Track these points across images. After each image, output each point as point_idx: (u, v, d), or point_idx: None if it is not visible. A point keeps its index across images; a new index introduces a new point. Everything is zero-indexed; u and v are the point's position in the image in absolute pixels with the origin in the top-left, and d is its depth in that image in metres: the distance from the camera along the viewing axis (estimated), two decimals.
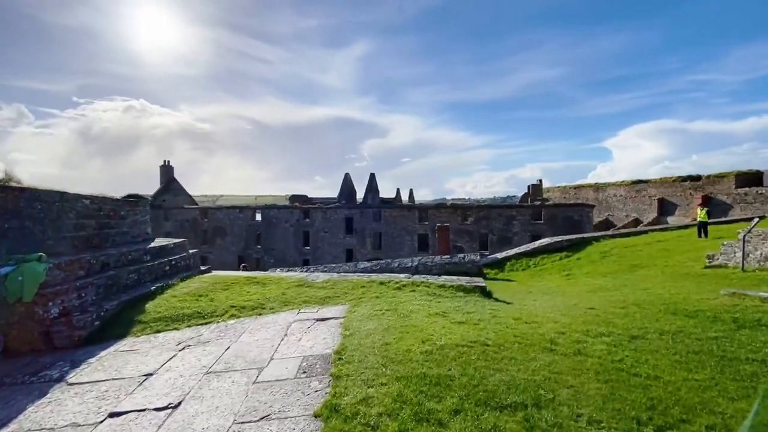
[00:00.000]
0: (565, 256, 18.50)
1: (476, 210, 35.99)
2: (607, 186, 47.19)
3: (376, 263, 16.17)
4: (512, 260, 19.61)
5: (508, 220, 35.04)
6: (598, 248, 18.54)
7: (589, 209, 33.84)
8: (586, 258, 17.31)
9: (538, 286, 12.49)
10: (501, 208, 35.85)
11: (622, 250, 17.47)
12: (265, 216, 42.01)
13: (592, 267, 15.42)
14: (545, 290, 11.29)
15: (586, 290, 10.20)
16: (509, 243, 34.88)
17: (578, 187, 52.57)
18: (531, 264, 18.76)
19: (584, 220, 33.50)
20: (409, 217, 37.06)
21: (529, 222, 34.84)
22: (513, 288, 12.32)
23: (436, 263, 15.14)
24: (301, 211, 40.71)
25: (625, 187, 44.50)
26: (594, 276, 13.62)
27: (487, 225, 35.49)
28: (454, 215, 36.14)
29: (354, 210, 38.56)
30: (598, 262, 16.19)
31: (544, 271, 17.09)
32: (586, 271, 14.79)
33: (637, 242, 18.75)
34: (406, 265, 15.57)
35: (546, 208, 34.98)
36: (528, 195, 53.10)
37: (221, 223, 43.36)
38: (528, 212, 35.04)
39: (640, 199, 42.68)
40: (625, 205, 44.63)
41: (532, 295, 9.90)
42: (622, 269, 13.69)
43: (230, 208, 44.43)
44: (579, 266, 16.16)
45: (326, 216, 39.36)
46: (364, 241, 38.28)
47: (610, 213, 47.38)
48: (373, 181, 40.60)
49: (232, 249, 43.11)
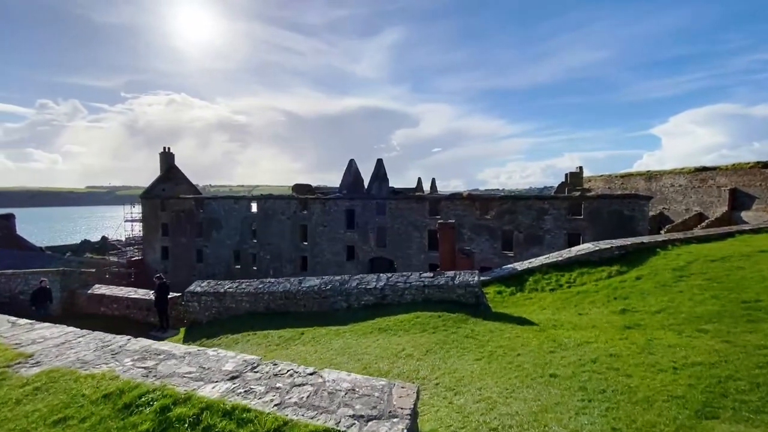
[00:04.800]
0: (617, 273, 12.58)
1: (499, 202, 29.91)
2: (662, 174, 39.52)
3: (328, 281, 11.13)
4: (536, 274, 13.91)
5: (539, 214, 28.78)
6: (668, 261, 12.48)
7: (644, 201, 26.93)
8: (652, 278, 11.36)
9: (572, 338, 6.97)
10: (529, 200, 29.56)
11: (708, 265, 11.38)
12: (261, 207, 37.91)
13: (665, 297, 9.55)
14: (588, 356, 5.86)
15: (696, 388, 4.71)
16: (539, 243, 28.69)
17: (626, 176, 44.90)
18: (564, 282, 13.00)
19: (637, 215, 26.66)
20: (418, 210, 31.57)
21: (565, 217, 28.40)
22: (524, 341, 6.89)
23: (411, 285, 9.90)
24: (298, 201, 36.21)
25: (685, 175, 36.79)
26: (675, 321, 7.85)
27: (512, 220, 29.40)
28: (472, 208, 30.28)
29: (355, 201, 33.53)
30: (673, 288, 10.27)
31: (583, 297, 11.35)
32: (656, 308, 8.96)
33: (727, 251, 12.51)
34: (368, 285, 10.42)
35: (587, 200, 28.38)
36: (565, 185, 45.83)
37: (216, 214, 39.78)
38: (564, 205, 28.60)
39: (704, 189, 35.01)
40: (685, 197, 37.01)
41: (559, 386, 4.61)
42: (727, 310, 7.82)
43: (225, 198, 40.74)
44: (641, 294, 10.30)
45: (325, 208, 34.64)
46: (367, 238, 33.26)
47: (665, 206, 39.74)
48: (381, 168, 35.31)
49: (227, 243, 39.51)
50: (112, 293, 14.35)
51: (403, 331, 8.33)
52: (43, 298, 13.51)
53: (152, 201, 43.49)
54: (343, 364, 7.01)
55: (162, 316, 13.04)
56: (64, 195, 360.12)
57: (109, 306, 14.19)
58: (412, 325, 8.49)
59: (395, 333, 8.30)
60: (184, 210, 41.68)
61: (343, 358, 7.26)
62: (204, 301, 12.28)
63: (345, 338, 8.59)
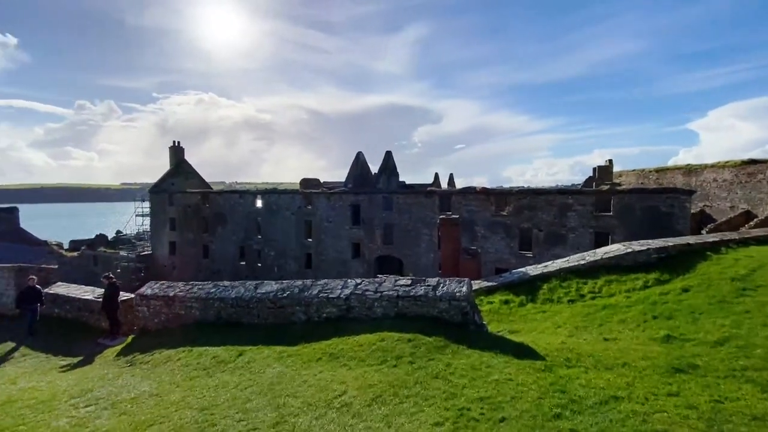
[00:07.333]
0: (656, 282, 9.92)
1: (516, 196, 27.09)
2: (703, 168, 35.45)
3: (287, 287, 9.08)
4: (552, 280, 11.38)
5: (562, 210, 25.81)
6: (724, 268, 9.71)
7: (685, 196, 23.56)
8: (704, 290, 8.70)
9: (591, 386, 4.63)
10: (550, 194, 26.60)
11: None
12: (266, 202, 36.47)
13: (726, 320, 6.96)
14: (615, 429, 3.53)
15: None
16: (562, 242, 25.76)
17: (661, 171, 40.74)
18: (586, 291, 10.45)
19: (677, 212, 23.34)
20: (428, 206, 29.14)
21: (592, 214, 25.33)
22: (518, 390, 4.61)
23: (382, 295, 7.71)
24: (303, 196, 34.49)
25: (730, 169, 32.67)
26: (750, 362, 5.34)
27: (531, 217, 26.56)
28: (486, 203, 27.61)
29: (361, 196, 31.41)
30: (735, 306, 7.64)
31: (610, 313, 8.82)
32: (715, 336, 6.41)
33: None
34: (332, 293, 8.30)
35: (618, 195, 25.20)
36: (593, 180, 42.08)
37: (222, 209, 38.67)
38: (590, 200, 25.52)
39: (753, 185, 30.88)
40: (730, 193, 32.89)
41: None
42: None
43: (231, 193, 39.60)
44: (691, 313, 7.71)
45: (330, 203, 32.73)
46: (373, 234, 31.14)
47: (706, 203, 35.60)
48: (390, 160, 33.07)
49: (232, 239, 38.36)
50: (67, 293, 12.89)
51: (358, 360, 6.17)
52: (31, 298, 12.03)
53: (160, 195, 42.96)
54: (253, 412, 4.95)
55: (112, 321, 11.40)
56: (101, 192, 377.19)
57: (62, 307, 12.72)
58: (371, 352, 6.32)
59: (346, 363, 6.16)
60: (191, 205, 40.88)
61: (260, 402, 5.20)
62: (153, 305, 10.52)
63: (284, 365, 6.53)
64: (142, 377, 7.37)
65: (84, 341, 11.42)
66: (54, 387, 7.57)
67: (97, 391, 6.85)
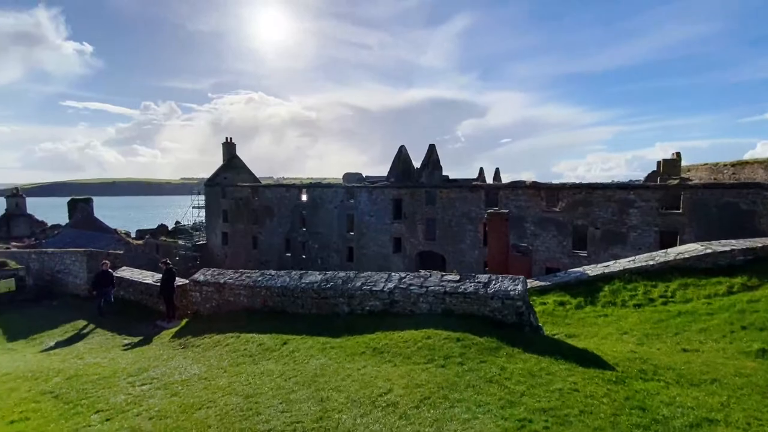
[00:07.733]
0: (743, 287, 8.67)
1: (570, 191, 25.38)
2: None
3: (331, 277, 8.96)
4: (615, 282, 10.37)
5: (621, 206, 23.81)
6: None
7: None
8: None
9: (677, 405, 3.98)
10: (609, 189, 24.61)
11: None
12: (310, 196, 37.23)
13: None
14: None
15: None
16: (621, 242, 23.81)
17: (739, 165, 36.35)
18: (656, 295, 9.38)
19: (760, 210, 20.65)
20: (472, 200, 28.13)
21: (658, 211, 23.12)
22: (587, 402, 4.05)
23: (428, 290, 7.34)
24: (345, 190, 34.76)
25: None
26: None
27: (586, 213, 24.78)
28: (536, 198, 26.14)
29: (403, 190, 31.03)
30: None
31: (688, 321, 7.81)
32: None
33: None
34: (375, 286, 8.06)
35: (688, 190, 22.78)
36: (657, 174, 38.48)
37: (269, 202, 40.05)
38: (655, 195, 23.29)
39: None
40: None
41: None
42: None
43: (278, 187, 40.88)
44: None
45: (372, 197, 32.69)
46: (415, 229, 30.68)
47: None
48: (433, 154, 32.37)
49: (279, 231, 39.64)
50: (131, 277, 13.82)
51: (403, 357, 5.87)
52: (105, 282, 12.97)
53: (214, 188, 45.33)
54: (296, 404, 4.81)
55: (168, 305, 12.04)
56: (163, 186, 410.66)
57: (126, 290, 13.66)
58: (417, 350, 5.99)
59: (391, 359, 5.88)
60: (242, 197, 42.73)
61: (303, 394, 5.06)
62: (205, 291, 10.93)
63: (327, 357, 6.38)
64: (193, 360, 7.60)
65: (144, 322, 12.17)
66: (115, 364, 8.03)
67: (152, 371, 7.14)
